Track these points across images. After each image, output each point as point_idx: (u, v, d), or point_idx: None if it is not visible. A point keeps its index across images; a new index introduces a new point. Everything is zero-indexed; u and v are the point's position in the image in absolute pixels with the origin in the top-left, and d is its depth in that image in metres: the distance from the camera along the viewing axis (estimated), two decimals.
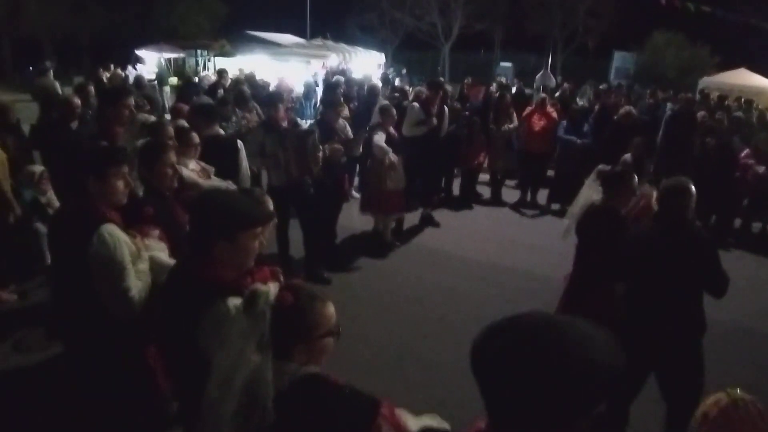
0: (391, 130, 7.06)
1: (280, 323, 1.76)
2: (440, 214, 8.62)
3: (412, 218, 8.22)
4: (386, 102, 7.76)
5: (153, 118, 5.93)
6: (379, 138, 6.81)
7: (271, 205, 3.11)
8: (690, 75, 27.06)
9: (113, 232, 2.92)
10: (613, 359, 1.05)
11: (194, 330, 2.17)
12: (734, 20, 19.39)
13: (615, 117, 9.23)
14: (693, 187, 3.46)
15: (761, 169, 8.21)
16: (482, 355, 1.10)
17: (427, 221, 8.32)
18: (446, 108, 8.18)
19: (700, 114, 9.66)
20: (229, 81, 12.99)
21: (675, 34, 30.85)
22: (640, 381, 3.62)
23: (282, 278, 2.65)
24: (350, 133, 6.59)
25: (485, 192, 10.03)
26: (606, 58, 33.57)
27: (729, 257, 6.33)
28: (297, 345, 1.78)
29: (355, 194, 8.62)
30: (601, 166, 4.27)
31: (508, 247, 7.73)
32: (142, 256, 3.05)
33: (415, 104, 7.85)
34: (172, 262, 3.03)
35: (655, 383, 3.62)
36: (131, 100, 5.26)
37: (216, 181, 4.74)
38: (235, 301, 2.10)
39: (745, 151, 8.53)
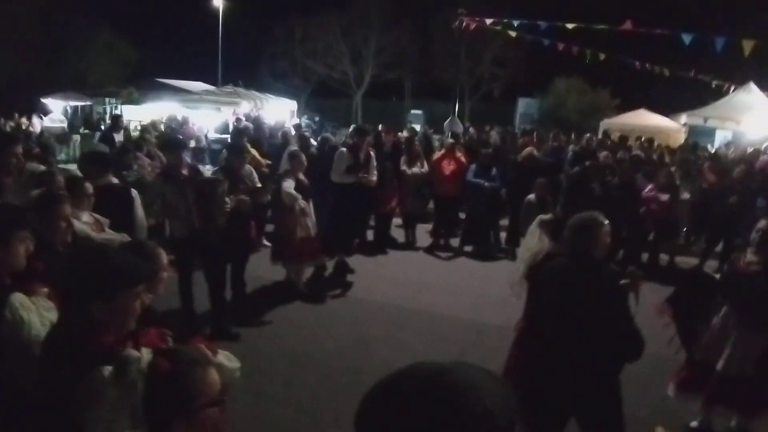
0: (301, 176, 6.95)
1: (156, 393, 1.55)
2: (355, 261, 8.48)
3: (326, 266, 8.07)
4: (295, 148, 7.66)
5: (42, 167, 5.55)
6: (288, 185, 6.68)
7: (164, 260, 2.89)
8: (592, 117, 28.63)
9: (24, 303, 2.58)
10: (506, 404, 0.97)
11: (67, 400, 1.92)
12: (631, 64, 20.87)
13: (518, 159, 9.57)
14: (605, 222, 3.38)
15: (665, 197, 8.66)
16: (371, 422, 0.98)
17: (342, 268, 8.15)
18: (373, 154, 8.19)
19: (603, 154, 10.13)
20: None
21: (576, 79, 32.75)
22: (562, 424, 3.53)
23: (171, 341, 2.43)
24: (257, 180, 6.39)
25: (399, 236, 10.03)
26: (511, 104, 35.22)
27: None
28: (176, 418, 1.57)
29: (266, 243, 8.38)
30: (541, 216, 4.41)
31: (424, 291, 7.66)
32: (44, 323, 2.72)
33: (344, 150, 7.84)
34: None
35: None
36: (19, 149, 4.87)
37: (110, 235, 4.43)
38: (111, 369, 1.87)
39: (649, 186, 8.97)
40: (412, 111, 31.10)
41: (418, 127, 20.60)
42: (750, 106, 18.88)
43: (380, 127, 15.46)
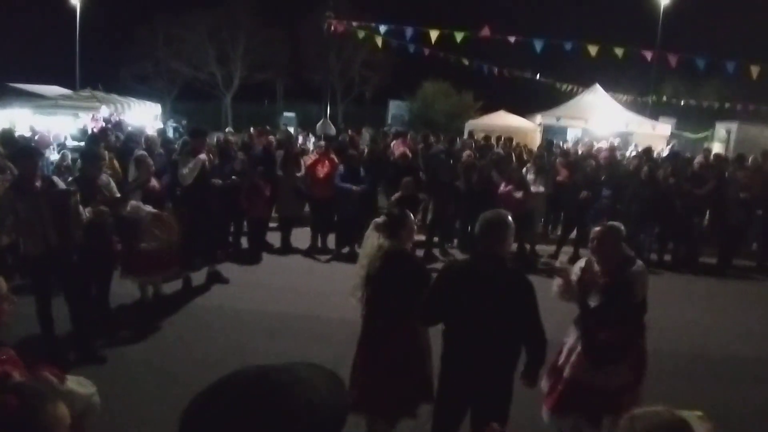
0: (153, 182, 6.65)
1: None
2: (229, 269, 8.31)
3: (199, 277, 7.81)
4: (141, 152, 7.26)
5: None
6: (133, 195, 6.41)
7: (3, 288, 2.67)
8: (457, 119, 29.97)
9: None
10: (335, 398, 1.02)
11: None
12: (491, 69, 22.14)
13: (392, 159, 9.85)
14: (510, 221, 3.49)
15: (519, 194, 9.28)
16: (194, 428, 1.01)
17: (215, 278, 7.93)
18: (211, 156, 8.03)
19: (465, 153, 10.68)
20: None
21: (442, 83, 34.03)
22: (460, 417, 3.60)
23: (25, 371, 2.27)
24: (115, 190, 6.02)
25: (276, 241, 9.93)
26: (383, 106, 35.96)
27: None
28: None
29: None
30: (376, 219, 4.25)
31: (302, 295, 7.66)
32: None
33: (189, 157, 7.58)
34: None
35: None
36: None
37: None
38: None
39: (504, 182, 9.58)
40: (285, 113, 30.79)
41: (291, 130, 20.53)
42: (596, 105, 20.71)
43: (252, 129, 15.22)
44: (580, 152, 14.01)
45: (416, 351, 4.02)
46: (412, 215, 4.26)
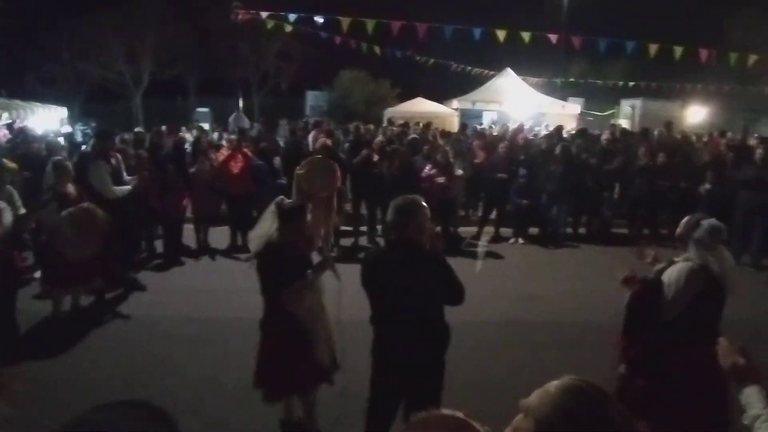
0: (70, 188, 6.27)
1: None
2: (144, 276, 7.94)
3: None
4: (59, 157, 6.86)
5: None
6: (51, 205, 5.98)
7: None
8: (376, 107, 29.97)
9: None
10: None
11: None
12: (405, 57, 22.28)
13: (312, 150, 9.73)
14: (424, 204, 3.44)
15: (442, 179, 9.34)
16: None
17: (132, 286, 7.55)
18: (119, 157, 7.67)
19: (378, 140, 10.70)
20: None
21: (359, 71, 33.94)
22: (393, 408, 3.54)
23: None
24: (20, 204, 5.57)
25: (193, 242, 9.56)
26: (300, 97, 35.52)
27: None
28: None
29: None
30: (280, 198, 4.16)
31: (224, 297, 7.35)
32: None
33: (100, 161, 7.16)
34: None
35: None
36: None
37: None
38: None
39: (428, 167, 9.61)
40: (198, 109, 29.79)
41: (206, 126, 19.94)
42: (509, 88, 21.25)
43: (163, 127, 14.64)
44: (495, 134, 14.29)
45: (297, 338, 4.00)
46: (306, 214, 4.15)
